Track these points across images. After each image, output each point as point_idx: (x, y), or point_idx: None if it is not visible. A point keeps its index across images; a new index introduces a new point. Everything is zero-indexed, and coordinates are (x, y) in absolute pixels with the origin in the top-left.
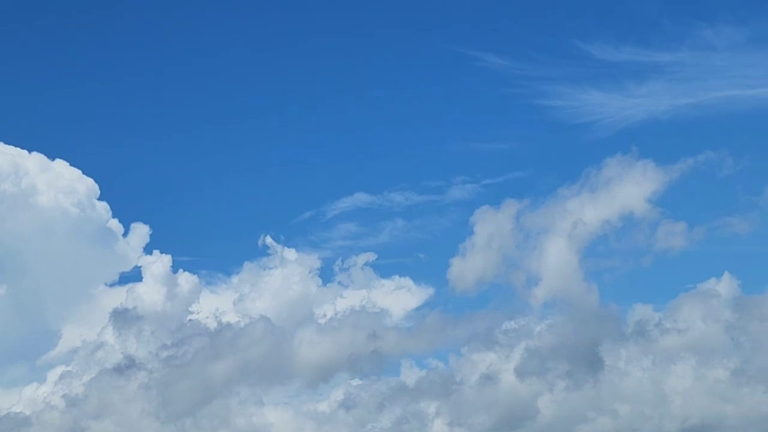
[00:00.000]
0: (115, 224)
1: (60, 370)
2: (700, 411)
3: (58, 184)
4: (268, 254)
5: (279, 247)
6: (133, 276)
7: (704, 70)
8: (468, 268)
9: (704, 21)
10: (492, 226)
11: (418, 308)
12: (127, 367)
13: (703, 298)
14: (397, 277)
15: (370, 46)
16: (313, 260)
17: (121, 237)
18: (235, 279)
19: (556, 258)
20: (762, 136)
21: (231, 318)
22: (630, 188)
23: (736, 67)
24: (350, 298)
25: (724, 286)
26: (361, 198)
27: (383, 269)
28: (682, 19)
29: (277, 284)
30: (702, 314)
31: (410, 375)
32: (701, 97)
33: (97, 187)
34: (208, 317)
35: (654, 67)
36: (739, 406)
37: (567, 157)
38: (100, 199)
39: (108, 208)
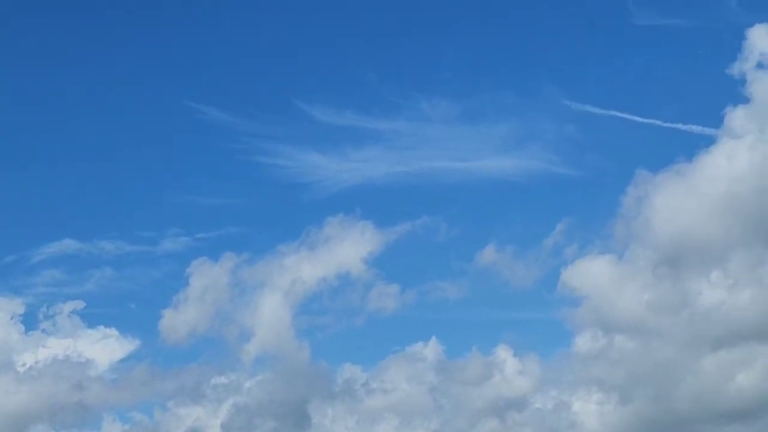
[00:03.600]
0: None
1: None
2: None
3: None
4: None
5: None
6: None
7: (419, 140)
8: (180, 320)
9: (422, 93)
10: (208, 279)
11: (124, 360)
12: None
13: (410, 360)
14: (102, 327)
15: (89, 89)
16: (16, 305)
17: None
18: None
19: (271, 314)
20: (473, 206)
21: None
22: (348, 248)
23: (449, 139)
24: (54, 347)
25: (431, 350)
26: (69, 244)
27: (90, 318)
28: (401, 90)
29: None
30: (407, 376)
31: (112, 429)
32: (415, 166)
33: None
34: None
35: (372, 133)
36: None
37: (286, 215)
38: None
39: None
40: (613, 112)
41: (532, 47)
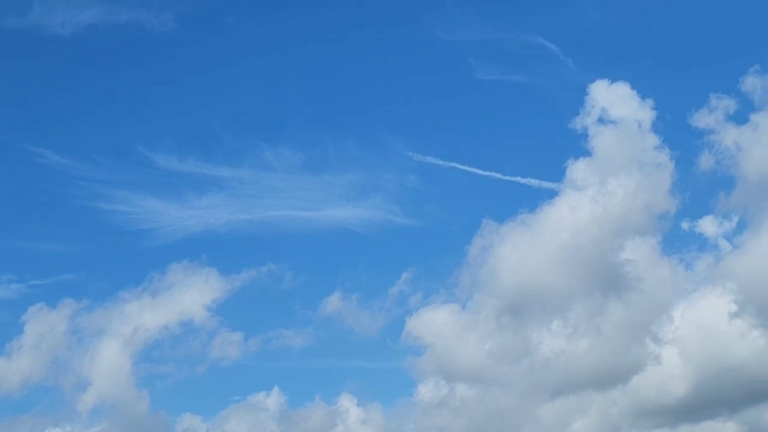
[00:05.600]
0: None
1: None
2: None
3: None
4: None
5: None
6: None
7: (263, 189)
8: (12, 369)
9: (265, 142)
10: (44, 327)
11: None
12: None
13: (251, 410)
14: None
15: None
16: None
17: None
18: None
19: (109, 362)
20: (318, 254)
21: None
22: (192, 295)
23: (292, 189)
24: None
25: (273, 399)
26: None
27: None
28: (245, 138)
29: None
30: (248, 426)
31: None
32: (258, 214)
33: None
34: None
35: (215, 180)
36: None
37: (127, 262)
38: None
39: None
40: (453, 164)
41: (376, 99)
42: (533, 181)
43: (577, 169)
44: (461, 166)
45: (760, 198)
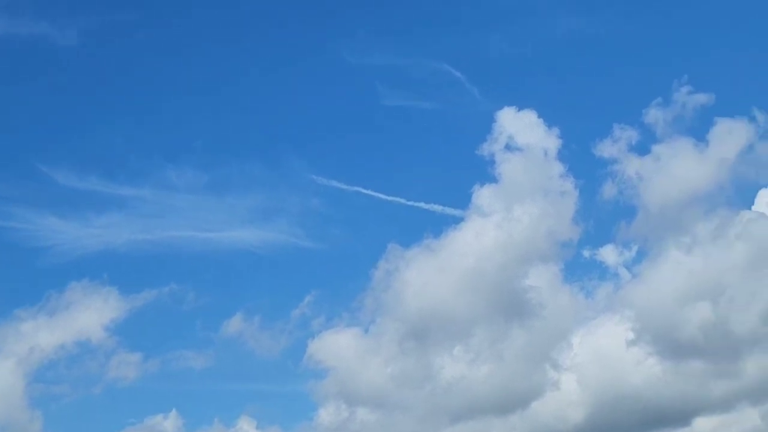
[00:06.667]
0: None
1: None
2: None
3: None
4: None
5: None
6: None
7: (165, 209)
8: None
9: (169, 161)
10: None
11: None
12: None
13: None
14: None
15: None
16: None
17: None
18: None
19: (1, 382)
20: (221, 276)
21: None
22: (90, 315)
23: (195, 209)
24: None
25: (171, 422)
26: None
27: None
28: (147, 157)
29: None
30: None
31: None
32: (159, 235)
33: None
34: None
35: (116, 199)
36: None
37: (23, 280)
38: None
39: None
40: (358, 188)
41: (281, 121)
42: (437, 207)
43: (483, 196)
44: (365, 191)
45: (659, 228)
